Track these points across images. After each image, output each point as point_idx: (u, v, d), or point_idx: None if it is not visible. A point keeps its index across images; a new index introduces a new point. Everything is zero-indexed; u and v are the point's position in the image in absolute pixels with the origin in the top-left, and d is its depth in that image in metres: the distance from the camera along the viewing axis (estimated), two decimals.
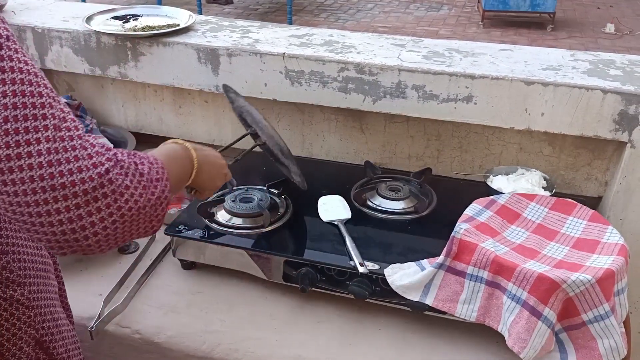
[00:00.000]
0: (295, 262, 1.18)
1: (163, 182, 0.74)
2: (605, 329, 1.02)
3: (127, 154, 0.72)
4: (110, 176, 0.66)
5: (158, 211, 0.73)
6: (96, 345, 1.16)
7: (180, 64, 1.57)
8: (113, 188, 0.66)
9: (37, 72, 0.67)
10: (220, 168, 1.04)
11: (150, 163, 0.75)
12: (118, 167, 0.68)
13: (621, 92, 1.28)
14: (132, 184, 0.69)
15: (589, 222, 1.18)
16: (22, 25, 1.68)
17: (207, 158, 0.98)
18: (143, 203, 0.70)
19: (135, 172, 0.70)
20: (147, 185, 0.71)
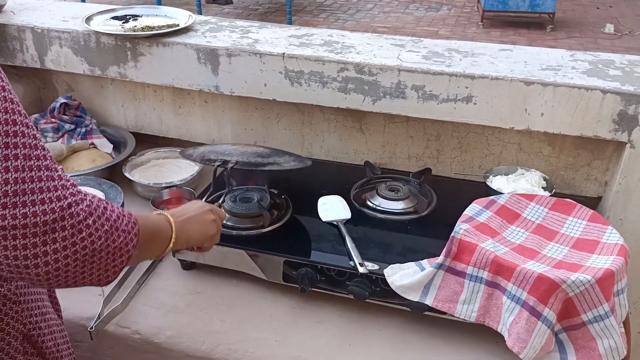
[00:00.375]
0: (295, 262, 1.18)
1: (130, 235, 0.74)
2: (605, 329, 1.02)
3: (99, 198, 0.72)
4: (72, 210, 0.66)
5: (116, 262, 0.72)
6: (96, 345, 1.16)
7: (180, 64, 1.57)
8: (72, 223, 0.66)
9: (13, 99, 0.66)
10: (205, 221, 1.01)
11: (123, 215, 0.74)
12: (83, 203, 0.68)
13: (621, 92, 1.28)
14: (94, 225, 0.68)
15: (589, 223, 1.18)
16: (22, 26, 1.68)
17: (189, 220, 0.97)
18: (100, 247, 0.69)
19: (102, 214, 0.70)
20: (110, 231, 0.70)
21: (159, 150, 1.71)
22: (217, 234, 1.06)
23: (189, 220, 0.98)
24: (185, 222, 0.96)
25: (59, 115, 1.69)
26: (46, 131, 1.68)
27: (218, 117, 1.69)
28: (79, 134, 1.70)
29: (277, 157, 1.29)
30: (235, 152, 1.29)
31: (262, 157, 1.28)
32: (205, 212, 1.03)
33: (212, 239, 1.05)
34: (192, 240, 0.99)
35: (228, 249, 1.23)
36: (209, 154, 1.30)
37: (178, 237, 0.92)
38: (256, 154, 1.29)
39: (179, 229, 0.93)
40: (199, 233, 1.00)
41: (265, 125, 1.66)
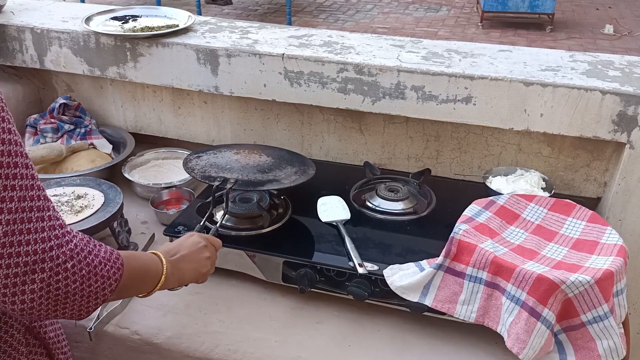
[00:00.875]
0: (294, 262, 1.18)
1: (109, 281, 0.76)
2: (605, 330, 1.02)
3: (87, 240, 0.74)
4: (52, 253, 0.69)
5: (90, 304, 0.75)
6: (95, 346, 1.16)
7: (180, 65, 1.57)
8: (51, 265, 0.69)
9: (17, 140, 0.69)
10: (199, 259, 1.01)
11: (107, 259, 0.76)
12: (67, 246, 0.71)
13: (620, 93, 1.28)
14: (72, 269, 0.71)
15: (588, 223, 1.18)
16: (21, 26, 1.68)
17: (182, 259, 0.98)
18: (74, 290, 0.72)
19: (83, 259, 0.72)
20: (87, 276, 0.73)
21: (158, 150, 1.71)
22: (211, 269, 1.05)
23: (182, 259, 0.98)
24: (178, 261, 0.96)
25: (58, 115, 1.69)
26: (45, 131, 1.68)
27: (217, 117, 1.69)
28: (78, 135, 1.70)
29: (278, 170, 1.29)
30: (236, 167, 1.29)
31: (262, 172, 1.28)
32: (200, 249, 1.02)
33: (206, 276, 1.04)
34: (186, 279, 0.99)
35: (227, 249, 1.22)
36: (210, 169, 1.29)
37: (168, 278, 0.93)
38: (257, 169, 1.28)
39: (171, 269, 0.93)
40: (193, 272, 1.00)
41: (264, 125, 1.66)
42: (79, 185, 1.40)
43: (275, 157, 1.37)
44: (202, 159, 1.35)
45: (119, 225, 1.33)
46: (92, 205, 1.31)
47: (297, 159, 1.39)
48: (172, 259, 0.96)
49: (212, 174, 1.27)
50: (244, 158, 1.35)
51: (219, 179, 1.23)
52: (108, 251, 0.78)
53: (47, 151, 1.60)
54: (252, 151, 1.40)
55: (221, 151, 1.39)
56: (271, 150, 1.43)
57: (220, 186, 1.22)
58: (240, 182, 1.24)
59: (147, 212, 1.49)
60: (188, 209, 1.38)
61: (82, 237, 0.75)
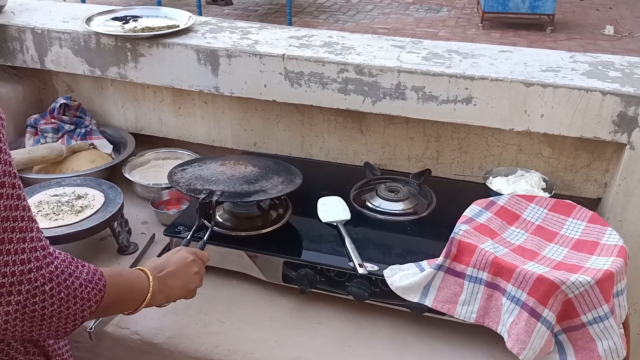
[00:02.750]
0: (294, 263, 1.18)
1: (89, 302, 0.75)
2: (605, 331, 1.02)
3: (69, 262, 0.74)
4: (31, 276, 0.69)
5: (67, 325, 0.74)
6: (95, 346, 1.16)
7: (180, 65, 1.57)
8: (29, 288, 0.69)
9: (7, 160, 0.68)
10: (187, 274, 1.00)
11: (88, 281, 0.76)
12: (47, 268, 0.70)
13: (620, 93, 1.28)
14: (50, 291, 0.71)
15: (588, 224, 1.18)
16: (22, 26, 1.68)
17: (170, 275, 0.97)
18: (51, 312, 0.71)
19: (63, 282, 0.72)
20: (65, 299, 0.72)
21: (158, 151, 1.71)
22: (199, 284, 1.04)
23: (170, 275, 0.97)
24: (166, 277, 0.95)
25: (58, 115, 1.69)
26: (46, 132, 1.68)
27: (218, 118, 1.69)
28: (78, 135, 1.70)
29: (264, 180, 1.27)
30: (222, 178, 1.26)
31: (249, 183, 1.25)
32: (187, 264, 1.01)
33: (194, 291, 1.03)
34: (174, 296, 0.99)
35: (227, 249, 1.23)
36: (195, 181, 1.26)
37: (155, 296, 0.92)
38: (243, 179, 1.26)
39: (158, 286, 0.93)
40: (181, 288, 0.99)
41: (265, 126, 1.66)
42: (79, 185, 1.40)
43: (261, 167, 1.35)
44: (187, 171, 1.32)
45: (119, 226, 1.33)
46: (93, 205, 1.31)
47: (283, 168, 1.36)
48: (159, 275, 0.94)
49: (197, 186, 1.24)
50: (229, 169, 1.32)
51: (205, 191, 1.21)
52: (91, 272, 0.77)
53: (48, 151, 1.60)
54: (237, 162, 1.37)
55: (206, 163, 1.37)
56: (257, 160, 1.41)
57: (206, 199, 1.19)
58: (227, 194, 1.21)
59: (148, 212, 1.49)
60: (188, 209, 1.38)
61: (64, 259, 0.74)
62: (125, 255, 1.34)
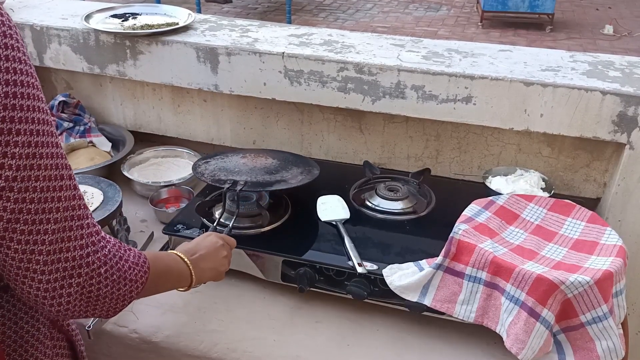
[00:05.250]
0: (293, 262, 1.18)
1: (136, 284, 0.80)
2: (604, 331, 1.02)
3: (118, 246, 0.79)
4: (89, 260, 0.73)
5: (117, 305, 0.79)
6: (93, 344, 1.15)
7: (179, 63, 1.57)
8: (87, 271, 0.73)
9: (61, 153, 0.72)
10: (217, 258, 1.05)
11: (135, 264, 0.81)
12: (101, 252, 0.75)
13: (620, 93, 1.27)
14: (105, 274, 0.75)
15: (588, 224, 1.18)
16: (21, 23, 1.68)
17: (201, 258, 1.01)
18: (105, 293, 0.76)
19: (115, 264, 0.77)
20: (117, 281, 0.77)
21: (157, 148, 1.70)
22: (228, 267, 1.09)
23: (202, 259, 1.01)
24: (198, 260, 1.00)
25: (57, 113, 1.69)
26: None
27: (217, 116, 1.69)
28: (77, 132, 1.70)
29: (284, 171, 1.32)
30: (244, 169, 1.32)
31: (270, 173, 1.31)
32: (218, 248, 1.05)
33: (223, 274, 1.08)
34: (205, 278, 1.03)
35: None
36: (219, 172, 1.32)
37: (197, 277, 0.98)
38: (264, 170, 1.32)
39: (194, 269, 0.98)
40: (212, 271, 1.03)
41: (264, 124, 1.66)
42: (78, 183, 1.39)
43: (281, 160, 1.40)
44: (210, 163, 1.37)
45: (118, 224, 1.33)
46: (91, 204, 1.30)
47: (301, 161, 1.41)
48: (191, 258, 0.99)
49: (221, 177, 1.29)
50: (250, 161, 1.37)
51: (229, 181, 1.26)
52: (137, 255, 0.82)
53: None
54: (258, 155, 1.42)
55: (228, 156, 1.42)
56: (276, 153, 1.45)
57: (230, 188, 1.23)
58: (250, 183, 1.26)
59: (147, 211, 1.49)
60: (187, 208, 1.38)
61: (114, 243, 0.78)
62: None
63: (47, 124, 0.70)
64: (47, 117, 0.71)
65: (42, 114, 0.69)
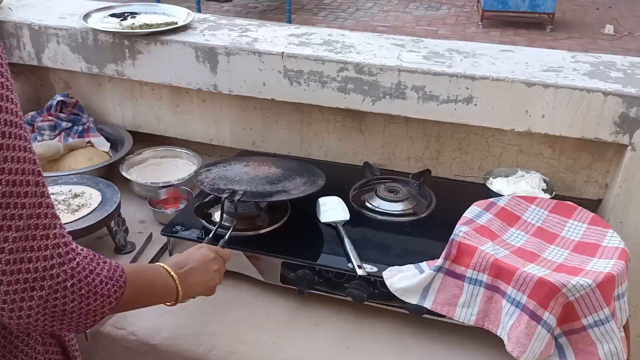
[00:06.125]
0: (293, 263, 1.17)
1: (109, 299, 0.76)
2: (606, 334, 1.01)
3: (90, 258, 0.75)
4: (53, 272, 0.70)
5: (88, 321, 0.75)
6: (91, 346, 1.14)
7: (178, 63, 1.56)
8: (51, 284, 0.69)
9: (32, 158, 0.69)
10: (208, 272, 1.01)
11: (109, 278, 0.76)
12: (68, 264, 0.71)
13: (622, 94, 1.27)
14: (71, 288, 0.71)
15: (589, 226, 1.17)
16: (19, 22, 1.67)
17: (191, 272, 0.97)
18: (72, 308, 0.72)
19: (84, 278, 0.73)
20: (85, 295, 0.73)
21: (156, 149, 1.69)
22: (219, 282, 1.05)
23: (191, 272, 0.97)
24: (186, 274, 0.96)
25: (56, 113, 1.68)
26: (43, 129, 1.66)
27: (216, 116, 1.68)
28: (76, 132, 1.69)
29: (287, 181, 1.29)
30: (245, 179, 1.29)
31: (271, 183, 1.28)
32: (208, 262, 1.01)
33: (214, 289, 1.04)
34: (193, 293, 0.99)
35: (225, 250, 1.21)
36: (219, 181, 1.29)
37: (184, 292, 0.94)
38: (266, 180, 1.29)
39: (181, 283, 0.93)
40: (201, 286, 0.99)
41: (264, 124, 1.65)
42: (76, 183, 1.38)
43: (285, 169, 1.36)
44: (212, 171, 1.35)
45: (116, 225, 1.32)
46: (89, 204, 1.30)
47: (306, 170, 1.38)
48: (180, 271, 0.95)
49: (221, 186, 1.26)
50: (253, 170, 1.34)
51: (227, 191, 1.23)
52: (112, 269, 0.78)
53: (45, 149, 1.58)
54: (262, 163, 1.39)
55: (231, 164, 1.39)
56: (281, 161, 1.42)
57: (229, 198, 1.21)
58: (249, 193, 1.23)
59: (145, 211, 1.48)
60: (186, 209, 1.37)
61: (86, 255, 0.75)
62: (123, 254, 1.33)
63: (15, 126, 0.66)
64: (15, 118, 0.67)
65: (8, 114, 0.66)
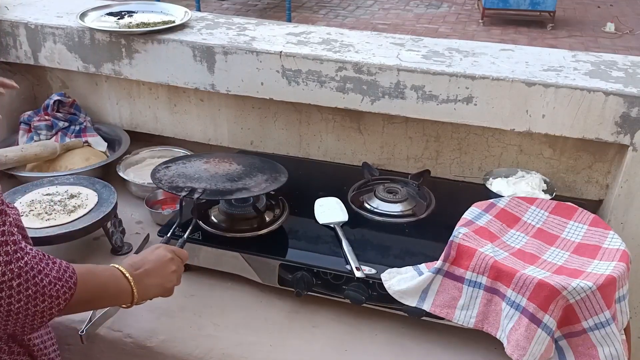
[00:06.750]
0: (290, 265, 1.16)
1: (57, 300, 0.75)
2: (606, 337, 1.00)
3: (40, 258, 0.74)
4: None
5: (35, 322, 0.74)
6: (87, 349, 1.14)
7: (175, 62, 1.54)
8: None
9: None
10: (164, 273, 0.99)
11: (57, 279, 0.75)
12: (15, 265, 0.70)
13: (623, 94, 1.25)
14: (17, 287, 0.70)
15: (590, 227, 1.16)
16: (15, 21, 1.66)
17: (147, 274, 0.95)
18: (17, 309, 0.71)
19: (31, 279, 0.72)
20: (33, 296, 0.72)
21: (154, 149, 1.68)
22: (177, 282, 1.02)
23: (146, 274, 0.95)
24: (142, 276, 0.94)
25: (52, 112, 1.67)
26: (39, 129, 1.65)
27: (214, 115, 1.67)
28: (72, 132, 1.67)
29: (248, 178, 1.26)
30: (205, 176, 1.25)
31: (231, 180, 1.24)
32: (165, 262, 0.99)
33: (172, 290, 1.02)
34: (150, 295, 0.97)
35: (223, 251, 1.21)
36: (177, 179, 1.25)
37: (139, 293, 0.93)
38: (226, 177, 1.25)
39: (137, 285, 0.92)
40: (157, 287, 0.98)
41: (262, 124, 1.64)
42: (72, 184, 1.37)
43: (246, 165, 1.33)
44: (171, 169, 1.31)
45: (113, 226, 1.31)
46: (86, 205, 1.29)
47: (268, 166, 1.34)
48: (135, 273, 0.93)
49: (179, 184, 1.22)
50: (213, 167, 1.31)
51: (187, 189, 1.19)
52: (62, 269, 0.77)
53: (41, 149, 1.57)
54: (222, 160, 1.35)
55: (190, 160, 1.35)
56: (242, 158, 1.39)
57: (187, 196, 1.18)
58: (208, 191, 1.20)
59: (142, 212, 1.47)
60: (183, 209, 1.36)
61: (34, 255, 0.74)
62: (119, 255, 1.32)
63: None
64: None
65: None
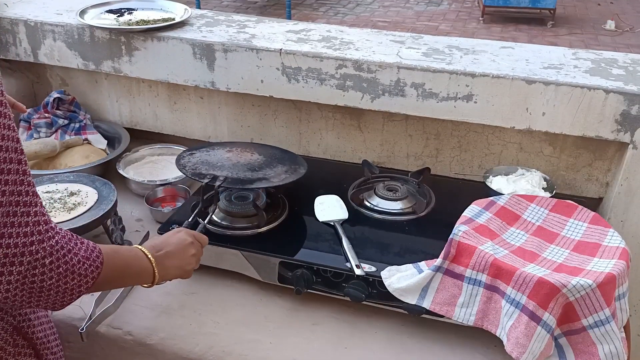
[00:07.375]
0: (290, 263, 1.16)
1: (86, 278, 0.78)
2: (606, 335, 1.00)
3: (69, 238, 0.76)
4: (32, 248, 0.71)
5: (65, 299, 0.77)
6: (87, 346, 1.14)
7: (175, 59, 1.54)
8: (30, 260, 0.71)
9: (15, 136, 0.71)
10: (184, 256, 1.01)
11: (86, 258, 0.78)
12: (48, 242, 0.73)
13: (624, 92, 1.25)
14: (49, 265, 0.73)
15: (590, 225, 1.16)
16: (15, 19, 1.65)
17: (167, 255, 0.98)
18: (49, 286, 0.74)
19: (62, 257, 0.75)
20: (63, 274, 0.75)
21: (153, 146, 1.68)
22: (196, 266, 1.05)
23: (167, 256, 0.98)
24: (163, 257, 0.96)
25: (52, 110, 1.67)
26: (39, 126, 1.65)
27: (214, 113, 1.67)
28: (72, 130, 1.67)
29: (268, 169, 1.30)
30: (227, 165, 1.30)
31: (252, 170, 1.28)
32: (186, 246, 1.02)
33: (190, 272, 1.04)
34: (169, 276, 0.99)
35: (223, 249, 1.21)
36: (201, 166, 1.29)
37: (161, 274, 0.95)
38: (247, 167, 1.29)
39: (158, 266, 0.94)
40: (177, 269, 1.00)
41: (262, 122, 1.64)
42: (72, 181, 1.37)
43: (267, 156, 1.37)
44: (195, 156, 1.35)
45: (113, 223, 1.31)
46: (86, 203, 1.29)
47: (288, 158, 1.38)
48: (157, 254, 0.96)
49: (202, 171, 1.27)
50: (235, 156, 1.35)
51: (209, 176, 1.24)
52: (89, 249, 0.79)
53: (41, 146, 1.57)
54: (244, 149, 1.40)
55: (214, 149, 1.39)
56: (264, 148, 1.42)
57: (209, 183, 1.22)
58: (230, 179, 1.24)
59: (142, 210, 1.47)
60: (183, 207, 1.36)
61: (64, 235, 0.76)
62: None
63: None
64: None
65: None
